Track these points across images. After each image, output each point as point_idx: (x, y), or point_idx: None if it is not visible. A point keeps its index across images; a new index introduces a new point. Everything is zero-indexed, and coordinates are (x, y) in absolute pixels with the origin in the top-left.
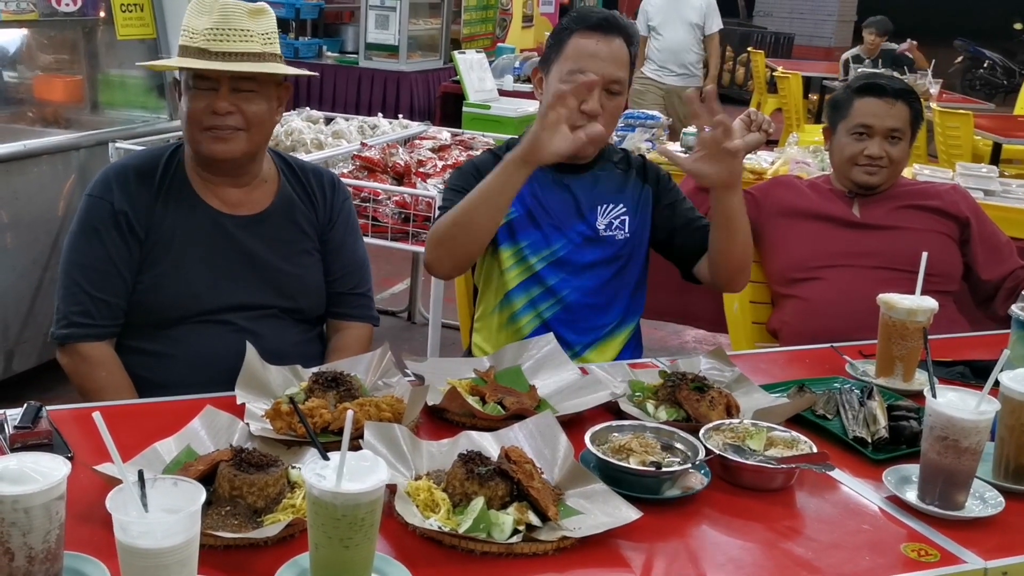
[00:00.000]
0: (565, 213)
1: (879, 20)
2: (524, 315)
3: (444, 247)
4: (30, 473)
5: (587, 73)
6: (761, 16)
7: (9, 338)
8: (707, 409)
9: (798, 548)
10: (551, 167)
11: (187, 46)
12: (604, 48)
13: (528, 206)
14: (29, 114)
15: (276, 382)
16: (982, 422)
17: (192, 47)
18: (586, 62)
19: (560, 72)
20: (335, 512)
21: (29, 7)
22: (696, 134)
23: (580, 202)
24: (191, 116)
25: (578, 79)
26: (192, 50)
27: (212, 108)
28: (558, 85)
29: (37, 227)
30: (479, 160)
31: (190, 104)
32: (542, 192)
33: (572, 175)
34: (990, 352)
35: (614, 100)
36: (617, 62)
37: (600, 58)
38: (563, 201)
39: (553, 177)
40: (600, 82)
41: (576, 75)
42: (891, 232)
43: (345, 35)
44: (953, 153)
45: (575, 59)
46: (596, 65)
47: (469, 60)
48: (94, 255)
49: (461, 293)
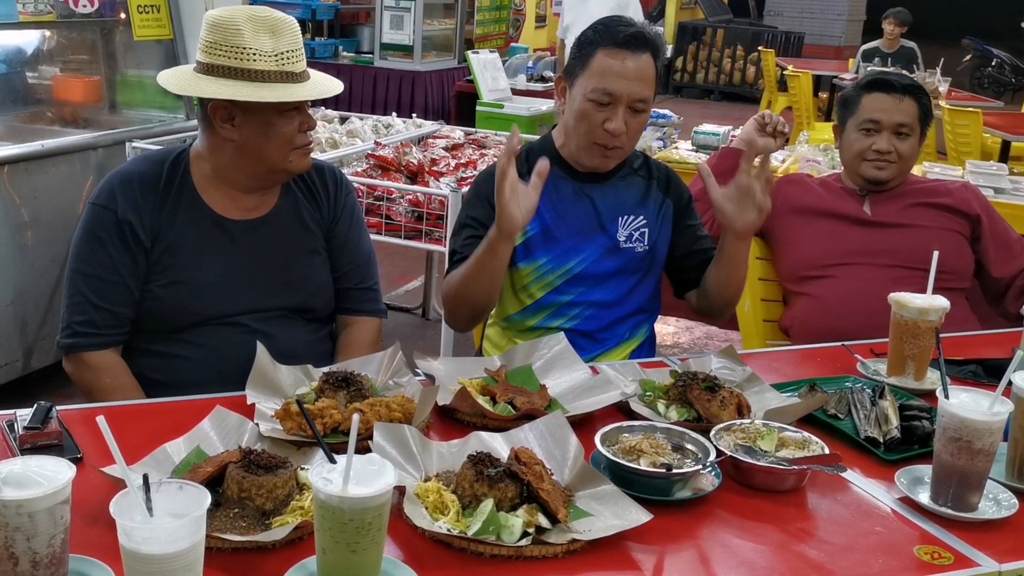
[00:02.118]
0: (586, 225)
1: (898, 10)
2: (541, 328)
3: (455, 310)
4: (34, 477)
5: (612, 91)
6: (771, 15)
7: (28, 336)
8: (718, 409)
9: (810, 550)
10: (572, 177)
11: (265, 70)
12: (631, 66)
13: (547, 222)
14: (48, 114)
15: (287, 382)
16: (995, 423)
17: (273, 71)
18: (611, 83)
19: (584, 88)
20: (342, 516)
21: (47, 8)
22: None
23: (601, 213)
24: (286, 137)
25: (602, 98)
26: (273, 74)
27: (306, 127)
28: (584, 102)
29: (56, 226)
30: (483, 181)
31: (284, 127)
32: (562, 205)
33: (593, 184)
34: (1002, 350)
35: (638, 118)
36: (643, 80)
37: (626, 77)
38: (584, 212)
39: (574, 187)
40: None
41: (601, 96)
42: (902, 230)
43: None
44: (962, 151)
45: (600, 78)
46: (621, 85)
47: (483, 60)
48: (98, 264)
49: None
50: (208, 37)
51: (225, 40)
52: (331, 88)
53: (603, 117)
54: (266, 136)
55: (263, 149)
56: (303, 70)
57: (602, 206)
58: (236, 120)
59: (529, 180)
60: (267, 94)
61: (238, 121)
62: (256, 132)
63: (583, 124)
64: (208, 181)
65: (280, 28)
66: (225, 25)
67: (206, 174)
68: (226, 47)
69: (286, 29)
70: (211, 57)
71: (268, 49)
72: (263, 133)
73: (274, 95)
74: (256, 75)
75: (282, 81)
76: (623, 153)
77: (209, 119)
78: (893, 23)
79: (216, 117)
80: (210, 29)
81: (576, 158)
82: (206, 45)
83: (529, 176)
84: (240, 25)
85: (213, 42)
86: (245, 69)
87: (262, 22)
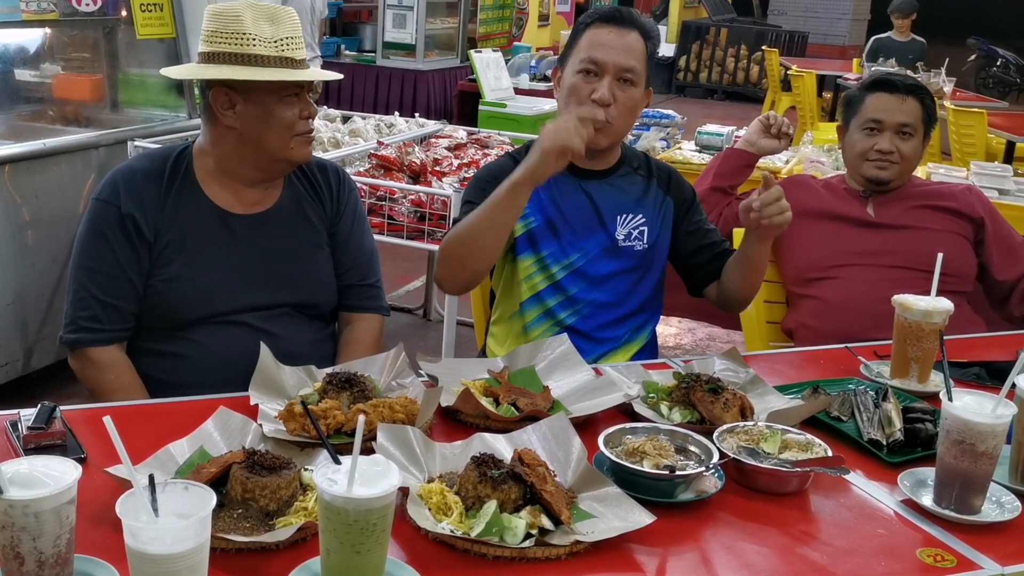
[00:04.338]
0: (584, 221)
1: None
2: (543, 323)
3: (452, 266)
4: (40, 477)
5: (597, 59)
6: (775, 15)
7: (28, 335)
8: (721, 411)
9: (813, 553)
10: (571, 171)
11: (265, 55)
12: (617, 38)
13: (548, 214)
14: (50, 113)
15: (290, 383)
16: (999, 426)
17: (273, 56)
18: (597, 51)
19: (574, 64)
20: (346, 518)
21: (50, 7)
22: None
23: (600, 210)
24: (287, 123)
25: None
26: (273, 59)
27: (306, 114)
28: (572, 76)
29: (57, 225)
30: (496, 166)
31: (284, 112)
32: (562, 198)
33: (592, 180)
34: (1006, 352)
35: (627, 91)
36: (630, 52)
37: (612, 47)
38: (582, 208)
39: (573, 182)
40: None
41: (588, 64)
42: (906, 232)
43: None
44: (967, 151)
45: (588, 48)
46: (607, 53)
47: (485, 59)
48: (102, 260)
49: (476, 292)
50: (209, 26)
51: (225, 27)
52: (329, 75)
53: (590, 88)
54: (266, 122)
55: (264, 135)
56: (303, 59)
57: (601, 203)
58: (237, 107)
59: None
60: (267, 75)
61: (239, 108)
62: (257, 118)
63: (571, 99)
64: (211, 176)
65: (280, 17)
66: (226, 14)
67: (209, 169)
68: (226, 34)
69: (286, 18)
70: (212, 45)
71: (268, 35)
72: (263, 119)
73: (273, 77)
74: (256, 60)
75: (281, 66)
76: (614, 132)
77: (211, 108)
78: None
79: (217, 104)
80: (211, 19)
81: None
82: (207, 34)
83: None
84: (240, 13)
85: (214, 31)
86: (245, 54)
87: (262, 11)
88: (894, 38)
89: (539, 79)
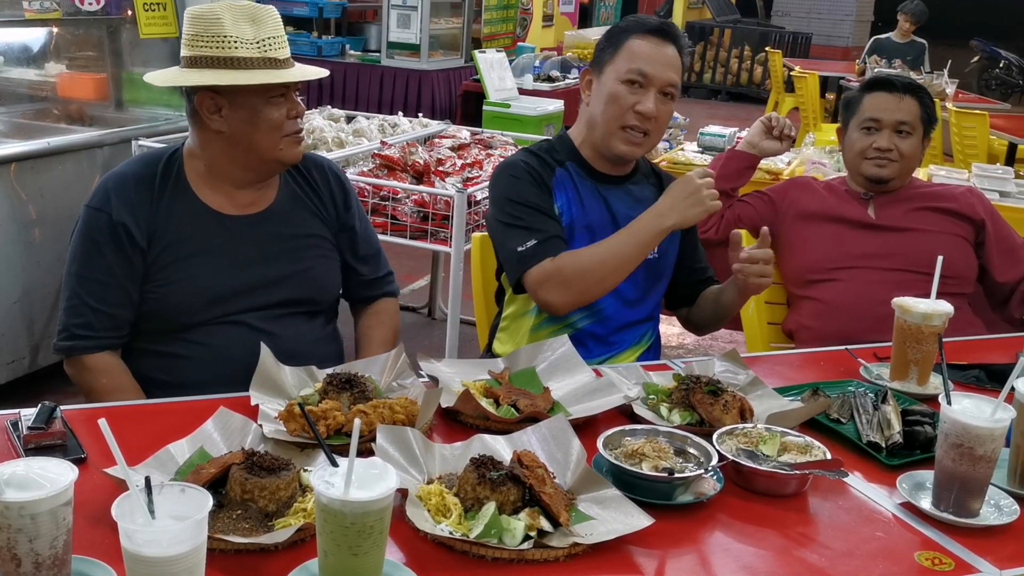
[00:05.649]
0: (601, 226)
1: (915, 5)
2: (554, 324)
3: (576, 291)
4: (37, 479)
5: (647, 72)
6: (779, 16)
7: (34, 333)
8: (721, 413)
9: (811, 555)
10: (592, 176)
11: (248, 58)
12: (662, 52)
13: (574, 216)
14: (54, 112)
15: (290, 383)
16: (998, 429)
17: (256, 58)
18: (644, 63)
19: (617, 71)
20: (344, 520)
21: (53, 6)
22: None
23: (617, 216)
24: (275, 124)
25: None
26: (256, 61)
27: (294, 113)
28: (616, 85)
29: (62, 224)
30: (521, 186)
31: (271, 113)
32: (585, 201)
33: (608, 186)
34: (1006, 355)
35: (667, 106)
36: (674, 67)
37: (659, 61)
38: (600, 213)
39: (592, 185)
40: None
41: (635, 75)
42: (907, 234)
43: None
44: (969, 153)
45: (633, 59)
46: (654, 67)
47: (489, 59)
48: (94, 267)
49: (478, 292)
50: (189, 30)
51: (206, 31)
52: (315, 73)
53: (635, 99)
54: (254, 124)
55: (252, 138)
56: (286, 57)
57: (618, 209)
58: (223, 111)
59: (556, 177)
60: (251, 78)
61: (225, 112)
62: (244, 121)
63: (613, 107)
64: (203, 179)
65: (261, 17)
66: (205, 16)
67: (200, 172)
68: (207, 37)
69: (267, 18)
70: (193, 50)
71: (250, 36)
72: (251, 121)
73: (258, 80)
74: (239, 63)
75: (265, 68)
76: (649, 143)
77: (197, 113)
78: (909, 20)
79: (203, 109)
80: (191, 22)
81: (599, 150)
82: (188, 38)
83: (555, 174)
84: (220, 15)
85: (195, 34)
86: (227, 58)
87: (242, 11)
88: (894, 39)
89: (543, 79)
